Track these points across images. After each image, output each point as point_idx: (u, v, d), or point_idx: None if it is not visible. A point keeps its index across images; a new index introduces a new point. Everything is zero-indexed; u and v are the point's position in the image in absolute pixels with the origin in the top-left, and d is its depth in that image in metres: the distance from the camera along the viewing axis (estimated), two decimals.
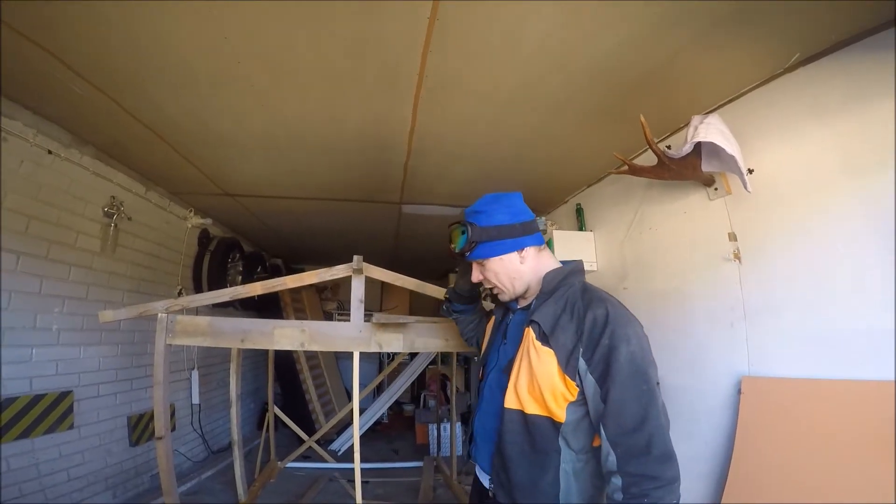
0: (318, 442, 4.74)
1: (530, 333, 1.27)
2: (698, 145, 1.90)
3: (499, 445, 1.29)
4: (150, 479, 3.41)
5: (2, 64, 1.92)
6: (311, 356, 5.79)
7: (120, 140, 2.73)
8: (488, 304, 3.19)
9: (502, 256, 1.36)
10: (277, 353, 4.69)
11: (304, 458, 4.66)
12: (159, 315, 2.29)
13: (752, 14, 1.57)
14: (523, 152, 2.80)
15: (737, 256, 2.04)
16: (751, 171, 1.92)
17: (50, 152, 2.53)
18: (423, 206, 3.99)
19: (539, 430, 1.22)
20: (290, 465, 4.47)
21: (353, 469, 2.43)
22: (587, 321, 1.18)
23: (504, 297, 1.43)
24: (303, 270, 2.56)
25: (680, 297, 2.38)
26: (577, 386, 1.17)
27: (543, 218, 3.69)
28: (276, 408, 4.41)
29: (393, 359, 5.69)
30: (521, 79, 2.01)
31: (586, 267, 3.14)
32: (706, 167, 2.02)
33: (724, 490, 1.91)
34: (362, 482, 2.44)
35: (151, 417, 3.22)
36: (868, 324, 1.58)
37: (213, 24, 1.68)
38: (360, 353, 2.47)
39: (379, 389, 6.42)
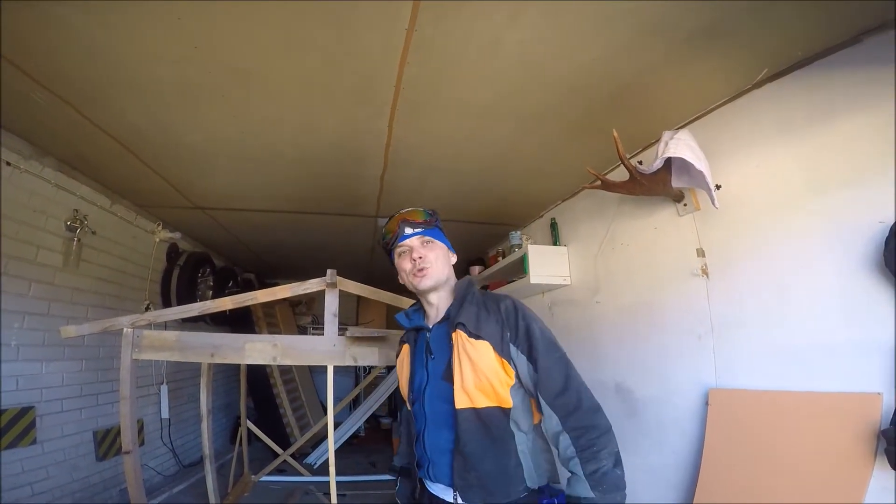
0: (293, 455, 4.68)
1: (461, 335, 1.38)
2: (668, 161, 1.93)
3: (457, 448, 1.34)
4: (119, 494, 3.33)
5: None
6: (286, 370, 5.71)
7: (84, 151, 2.64)
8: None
9: (447, 249, 1.55)
10: (250, 367, 4.63)
11: (279, 471, 4.60)
12: (125, 330, 2.25)
13: (724, 30, 1.61)
14: (499, 165, 2.82)
15: (704, 272, 2.08)
16: (718, 187, 1.96)
17: (9, 164, 2.43)
18: None
19: (493, 421, 1.33)
20: (264, 478, 4.42)
21: (329, 482, 2.39)
22: (502, 311, 1.39)
23: (426, 283, 1.48)
24: (276, 285, 2.52)
25: (649, 311, 2.42)
26: (513, 368, 1.34)
27: (518, 232, 3.69)
28: (249, 422, 4.33)
29: (369, 372, 5.65)
30: (497, 91, 2.01)
31: (560, 282, 3.24)
32: (676, 183, 2.05)
33: (693, 498, 1.94)
34: (339, 495, 2.41)
35: (118, 432, 3.15)
36: (827, 337, 1.62)
37: (182, 33, 1.64)
38: (335, 366, 2.45)
39: (355, 403, 6.35)
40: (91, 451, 3.16)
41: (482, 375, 1.32)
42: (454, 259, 1.56)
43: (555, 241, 3.41)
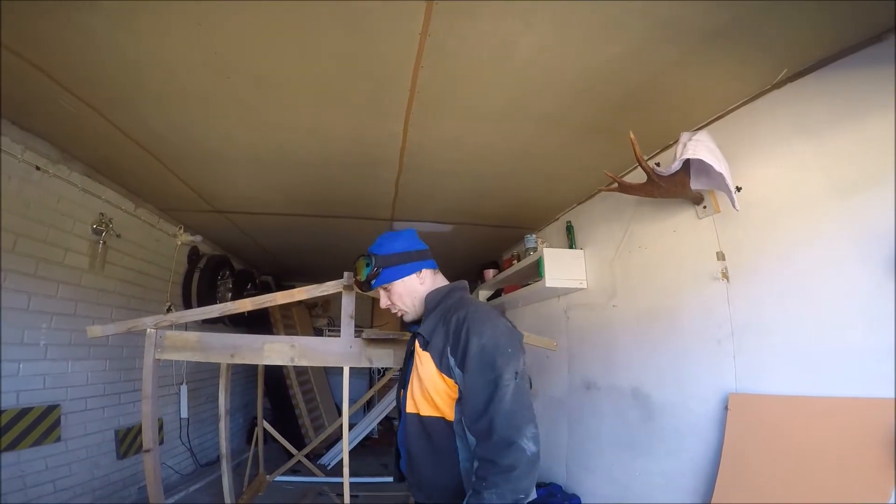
0: (307, 456, 4.70)
1: (416, 344, 1.45)
2: (687, 162, 1.91)
3: (407, 447, 1.44)
4: (138, 492, 3.39)
5: None
6: (301, 372, 5.76)
7: (109, 156, 2.71)
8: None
9: (404, 279, 1.54)
10: (267, 368, 4.67)
11: (294, 472, 4.62)
12: (148, 330, 2.28)
13: (740, 30, 1.59)
14: (514, 169, 2.82)
15: (725, 275, 2.05)
16: (739, 189, 1.93)
17: (38, 168, 2.51)
18: (415, 223, 3.96)
19: (435, 431, 1.36)
20: (278, 478, 4.43)
21: (342, 483, 2.41)
22: (452, 323, 1.35)
23: (409, 318, 1.58)
24: (293, 287, 2.55)
25: (668, 314, 2.39)
26: (456, 383, 1.31)
27: (533, 235, 3.67)
28: (265, 422, 4.38)
29: (384, 374, 5.66)
30: (511, 94, 2.02)
31: (576, 285, 3.19)
32: (695, 185, 2.02)
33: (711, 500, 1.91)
34: (352, 496, 2.43)
35: (139, 431, 3.21)
36: (850, 341, 1.59)
37: (203, 40, 1.68)
38: (351, 368, 2.47)
39: (369, 405, 6.37)
40: (112, 450, 3.23)
41: (424, 386, 1.38)
42: (421, 276, 1.55)
43: (571, 244, 3.39)
